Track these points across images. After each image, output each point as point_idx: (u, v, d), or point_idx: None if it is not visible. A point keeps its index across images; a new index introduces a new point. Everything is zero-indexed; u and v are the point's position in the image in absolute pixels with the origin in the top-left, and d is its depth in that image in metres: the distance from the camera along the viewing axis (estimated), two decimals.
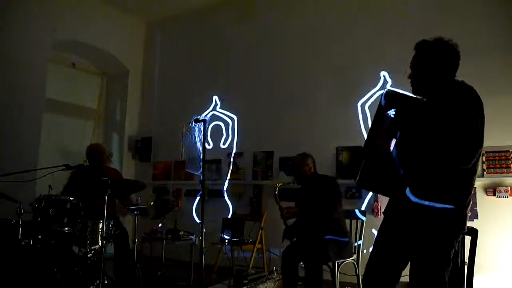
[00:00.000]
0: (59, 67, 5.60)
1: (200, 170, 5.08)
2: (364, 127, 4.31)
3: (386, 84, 4.23)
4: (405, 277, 1.86)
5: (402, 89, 2.06)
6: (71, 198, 2.95)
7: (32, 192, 3.80)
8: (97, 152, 3.76)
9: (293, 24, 5.06)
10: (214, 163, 5.30)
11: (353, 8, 4.66)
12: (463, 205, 1.73)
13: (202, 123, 3.29)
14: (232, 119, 5.28)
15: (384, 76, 4.25)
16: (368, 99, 4.35)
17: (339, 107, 4.52)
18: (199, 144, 5.24)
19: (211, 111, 5.45)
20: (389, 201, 1.92)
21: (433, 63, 1.84)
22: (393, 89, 1.96)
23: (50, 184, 3.25)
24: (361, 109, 4.37)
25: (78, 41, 5.50)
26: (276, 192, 3.38)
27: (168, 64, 6.15)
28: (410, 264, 1.79)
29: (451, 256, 1.73)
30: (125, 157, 6.03)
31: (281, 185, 3.44)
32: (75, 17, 5.34)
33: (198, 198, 5.28)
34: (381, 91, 4.21)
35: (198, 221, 5.07)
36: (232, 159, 5.18)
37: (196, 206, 5.29)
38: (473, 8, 3.94)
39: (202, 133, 5.23)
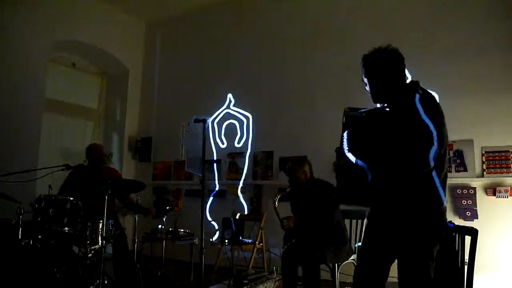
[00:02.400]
0: (59, 67, 5.61)
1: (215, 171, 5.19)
2: None
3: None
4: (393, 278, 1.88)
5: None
6: (71, 198, 2.95)
7: (32, 192, 3.80)
8: (96, 152, 3.76)
9: (293, 24, 5.05)
10: (214, 163, 5.30)
11: (355, 6, 4.66)
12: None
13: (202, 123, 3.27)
14: (246, 117, 5.18)
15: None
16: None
17: (340, 107, 4.49)
18: (212, 143, 5.28)
19: (225, 109, 5.34)
20: (372, 207, 1.97)
21: (381, 71, 1.90)
22: (351, 108, 2.00)
23: (50, 184, 3.25)
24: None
25: (78, 41, 5.50)
26: (276, 205, 3.36)
27: (168, 64, 6.15)
28: (398, 262, 1.84)
29: (434, 253, 1.78)
30: (125, 157, 6.03)
31: (279, 197, 3.42)
32: (75, 17, 5.34)
33: (211, 198, 5.24)
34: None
35: (210, 219, 5.08)
36: (247, 158, 5.06)
37: (209, 205, 5.22)
38: (473, 8, 3.94)
39: (215, 132, 5.29)
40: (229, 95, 5.32)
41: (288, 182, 3.46)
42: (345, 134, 1.88)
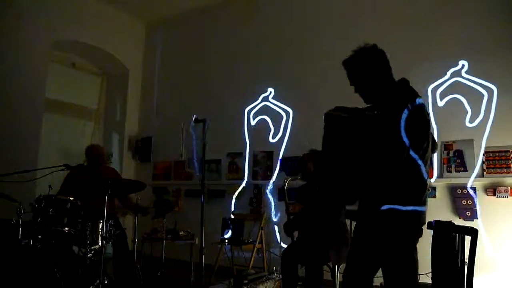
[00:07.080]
0: (59, 67, 5.60)
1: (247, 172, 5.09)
2: None
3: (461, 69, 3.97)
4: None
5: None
6: (71, 198, 2.95)
7: (32, 192, 3.80)
8: (96, 152, 3.76)
9: (293, 23, 5.05)
10: (214, 162, 5.29)
11: (358, 5, 4.67)
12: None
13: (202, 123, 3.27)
14: (287, 112, 4.94)
15: (463, 65, 3.95)
16: None
17: (342, 105, 4.49)
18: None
19: (261, 102, 5.13)
20: (358, 208, 1.96)
21: (364, 72, 1.89)
22: (338, 107, 2.08)
23: (50, 184, 3.24)
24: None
25: (78, 41, 5.51)
26: (285, 187, 3.38)
27: (168, 64, 6.16)
28: (382, 270, 1.84)
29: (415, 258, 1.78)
30: (125, 157, 6.03)
31: (290, 179, 3.43)
32: (75, 17, 5.34)
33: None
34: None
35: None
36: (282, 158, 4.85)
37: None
38: (475, 7, 3.94)
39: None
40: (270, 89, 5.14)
41: (300, 171, 3.47)
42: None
